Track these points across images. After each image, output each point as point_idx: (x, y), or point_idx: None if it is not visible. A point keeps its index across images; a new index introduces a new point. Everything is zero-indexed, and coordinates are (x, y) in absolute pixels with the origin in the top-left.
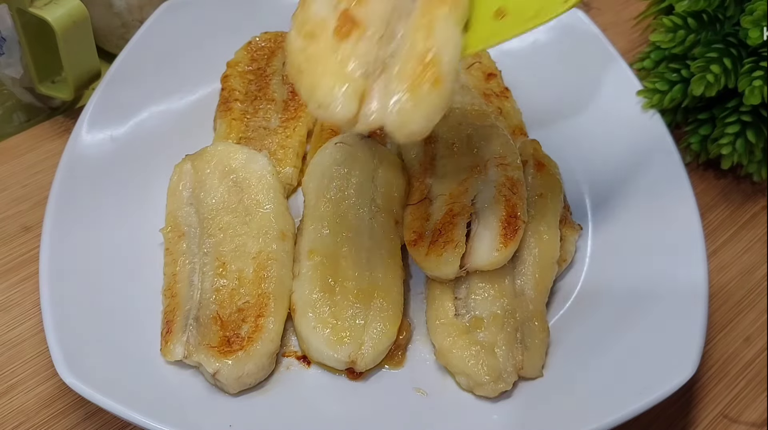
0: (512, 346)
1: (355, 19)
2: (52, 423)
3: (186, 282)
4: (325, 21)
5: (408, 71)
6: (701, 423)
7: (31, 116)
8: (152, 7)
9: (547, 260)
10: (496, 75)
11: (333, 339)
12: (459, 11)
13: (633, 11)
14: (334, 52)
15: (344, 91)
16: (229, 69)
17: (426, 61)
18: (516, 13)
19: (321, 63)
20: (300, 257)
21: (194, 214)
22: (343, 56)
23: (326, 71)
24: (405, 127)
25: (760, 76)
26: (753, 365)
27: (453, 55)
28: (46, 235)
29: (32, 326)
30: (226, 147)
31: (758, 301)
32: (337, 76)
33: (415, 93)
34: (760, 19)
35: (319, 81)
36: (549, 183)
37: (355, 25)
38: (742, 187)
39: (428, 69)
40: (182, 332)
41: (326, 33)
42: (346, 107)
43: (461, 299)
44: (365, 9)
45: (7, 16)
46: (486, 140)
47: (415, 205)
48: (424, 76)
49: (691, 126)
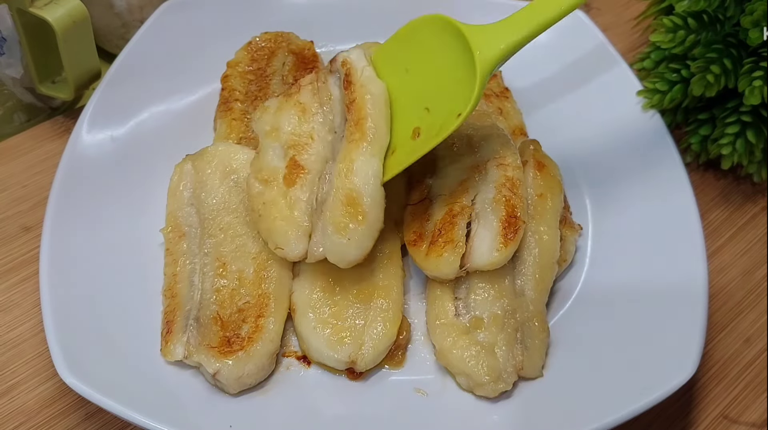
0: (512, 346)
1: (300, 164)
2: (53, 423)
3: (186, 282)
4: (277, 170)
5: (335, 215)
6: (701, 423)
7: (31, 116)
8: (152, 7)
9: (547, 260)
10: (496, 75)
11: (333, 339)
12: (376, 146)
13: (633, 12)
14: (284, 197)
15: (295, 235)
16: (229, 69)
17: (347, 202)
18: (426, 132)
19: (275, 209)
20: None
21: (195, 214)
22: (291, 202)
23: (279, 217)
24: (343, 259)
25: (760, 76)
26: (753, 366)
27: (372, 192)
28: (46, 235)
29: (32, 327)
30: (227, 147)
31: (758, 301)
32: (288, 222)
33: (344, 233)
34: (760, 19)
35: (274, 225)
36: (549, 183)
37: (301, 170)
38: (742, 188)
39: (350, 208)
40: (182, 332)
41: (278, 179)
42: (297, 248)
43: (461, 299)
44: (308, 154)
45: (7, 16)
46: (486, 140)
47: (415, 206)
48: (347, 217)
49: (691, 126)
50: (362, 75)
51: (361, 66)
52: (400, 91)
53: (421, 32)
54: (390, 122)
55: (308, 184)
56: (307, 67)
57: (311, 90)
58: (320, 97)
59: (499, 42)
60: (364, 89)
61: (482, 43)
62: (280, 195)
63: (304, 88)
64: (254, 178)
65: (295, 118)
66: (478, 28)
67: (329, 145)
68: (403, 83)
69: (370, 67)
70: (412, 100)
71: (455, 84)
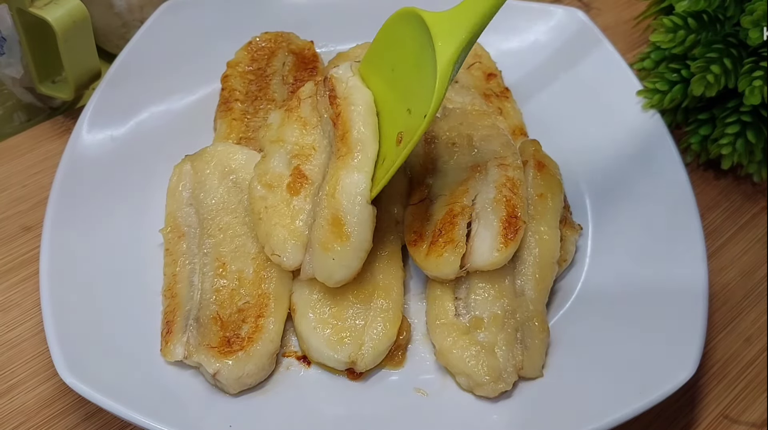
0: (512, 346)
1: (304, 174)
2: (53, 423)
3: (186, 282)
4: (282, 176)
5: (321, 234)
6: (701, 423)
7: (31, 116)
8: (152, 7)
9: (547, 260)
10: (496, 75)
11: (333, 339)
12: (363, 159)
13: (633, 12)
14: (287, 205)
15: (292, 245)
16: (229, 69)
17: (333, 222)
18: (406, 136)
19: (276, 215)
20: None
21: (194, 214)
22: (294, 211)
23: (279, 223)
24: (330, 278)
25: (760, 76)
26: (753, 366)
27: (358, 212)
28: (46, 235)
29: (32, 326)
30: (226, 148)
31: (758, 301)
32: (288, 230)
33: (329, 253)
34: (760, 19)
35: (273, 231)
36: (549, 183)
37: (305, 180)
38: (742, 188)
39: (336, 229)
40: (182, 332)
41: (282, 186)
42: (293, 259)
43: (461, 299)
44: (311, 164)
45: (7, 16)
46: (486, 140)
47: (416, 206)
48: (332, 237)
49: (692, 126)
50: (347, 87)
51: (345, 78)
52: (388, 95)
53: (397, 28)
54: (377, 131)
55: (311, 195)
56: (307, 67)
57: (311, 104)
58: (319, 110)
59: (459, 30)
60: (347, 101)
61: (445, 32)
62: (283, 202)
63: (303, 101)
64: (258, 181)
65: (298, 132)
66: (441, 16)
67: (328, 154)
68: (390, 86)
69: (356, 77)
70: (397, 103)
71: (427, 80)
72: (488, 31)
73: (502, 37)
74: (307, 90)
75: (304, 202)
